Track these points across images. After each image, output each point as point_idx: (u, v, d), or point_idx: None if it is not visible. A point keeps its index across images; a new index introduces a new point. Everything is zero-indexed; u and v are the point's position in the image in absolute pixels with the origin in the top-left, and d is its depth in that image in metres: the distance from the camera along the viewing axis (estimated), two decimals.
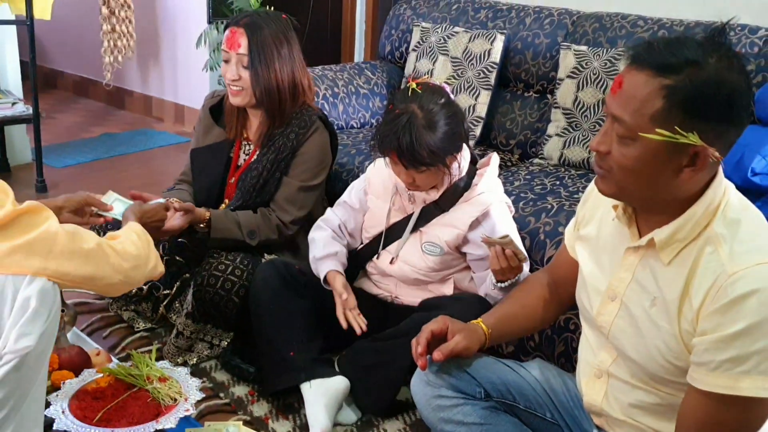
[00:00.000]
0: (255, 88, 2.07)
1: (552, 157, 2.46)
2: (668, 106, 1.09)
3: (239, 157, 2.22)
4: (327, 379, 1.81)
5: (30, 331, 1.28)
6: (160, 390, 1.59)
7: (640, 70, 1.12)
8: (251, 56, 2.04)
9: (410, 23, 3.01)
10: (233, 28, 2.07)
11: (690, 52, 1.10)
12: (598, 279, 1.33)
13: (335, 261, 1.96)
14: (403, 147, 1.72)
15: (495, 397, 1.45)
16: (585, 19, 2.60)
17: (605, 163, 1.19)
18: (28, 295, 1.29)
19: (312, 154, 2.13)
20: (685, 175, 1.13)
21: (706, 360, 1.12)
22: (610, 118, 1.17)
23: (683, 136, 1.09)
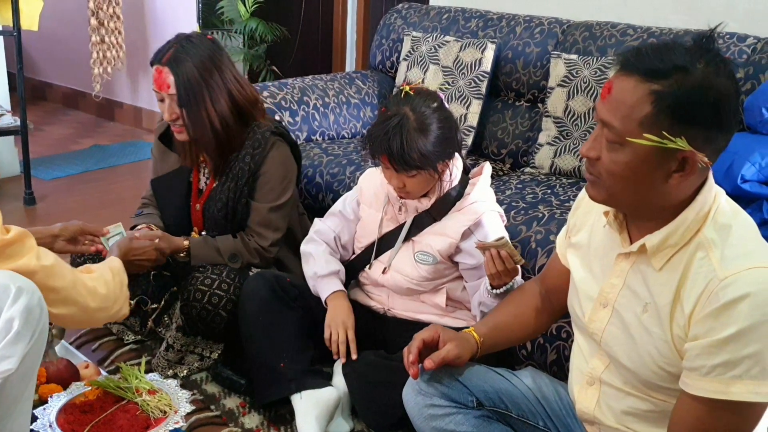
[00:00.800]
0: (191, 129, 1.98)
1: (543, 166, 2.46)
2: (656, 111, 1.09)
3: (200, 181, 2.16)
4: (318, 390, 1.80)
5: (11, 353, 1.25)
6: (149, 402, 1.57)
7: (629, 75, 1.12)
8: (179, 97, 1.94)
9: (401, 32, 3.01)
10: (158, 67, 1.95)
11: (678, 57, 1.10)
12: (589, 286, 1.33)
13: (338, 281, 1.95)
14: (394, 149, 1.71)
15: (487, 406, 1.44)
16: (575, 28, 2.61)
17: (595, 169, 1.19)
18: (12, 315, 1.26)
19: (273, 172, 2.05)
20: (674, 180, 1.14)
21: (697, 365, 1.12)
22: (600, 124, 1.17)
23: (671, 141, 1.09)
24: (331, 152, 2.60)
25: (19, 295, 1.27)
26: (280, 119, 2.64)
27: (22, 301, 1.27)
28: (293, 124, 2.71)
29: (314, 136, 2.78)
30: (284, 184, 2.08)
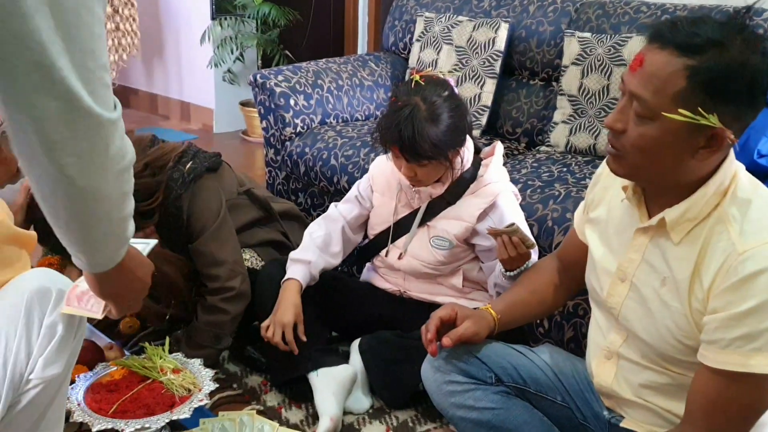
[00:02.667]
0: None
1: (558, 144, 2.46)
2: (691, 86, 1.08)
3: None
4: (334, 368, 1.83)
5: (57, 358, 1.25)
6: (174, 381, 1.60)
7: (663, 48, 1.11)
8: None
9: (414, 13, 3.01)
10: None
11: (714, 32, 1.09)
12: (607, 261, 1.34)
13: (302, 269, 1.88)
14: (405, 139, 1.70)
15: (506, 382, 1.46)
16: (588, 5, 2.60)
17: (619, 142, 1.18)
18: (55, 320, 1.24)
19: (201, 207, 1.91)
20: (700, 156, 1.13)
21: (716, 338, 1.13)
22: (628, 96, 1.15)
23: (704, 117, 1.09)
24: (345, 134, 2.62)
25: (60, 299, 1.26)
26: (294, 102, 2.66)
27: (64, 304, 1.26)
28: (308, 108, 2.72)
29: (328, 119, 2.79)
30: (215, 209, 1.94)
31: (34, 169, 0.86)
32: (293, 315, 1.81)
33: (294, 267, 1.89)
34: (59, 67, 0.77)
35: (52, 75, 0.78)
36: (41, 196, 0.90)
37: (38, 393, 1.26)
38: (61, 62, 0.77)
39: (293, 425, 1.81)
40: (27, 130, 0.81)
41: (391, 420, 1.84)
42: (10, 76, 0.77)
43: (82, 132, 0.82)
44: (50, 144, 0.81)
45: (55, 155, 0.82)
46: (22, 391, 1.24)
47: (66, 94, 0.79)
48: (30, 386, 1.25)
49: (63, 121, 0.80)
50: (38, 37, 0.75)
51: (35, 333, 1.24)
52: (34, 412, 1.28)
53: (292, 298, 1.84)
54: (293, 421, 1.83)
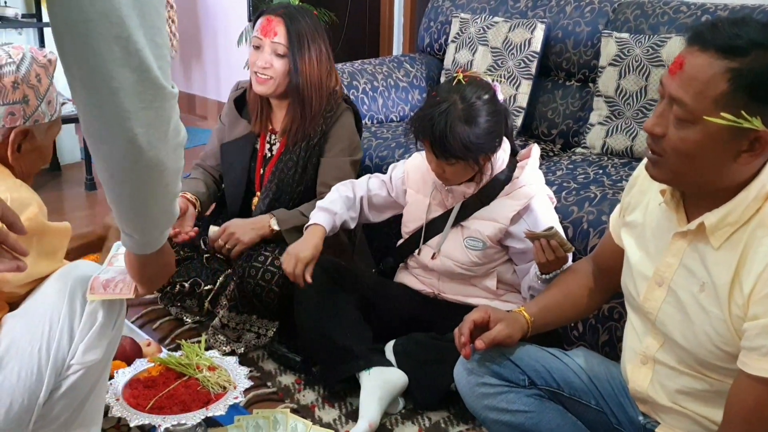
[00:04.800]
0: (290, 78, 2.08)
1: (595, 146, 2.43)
2: (733, 89, 1.07)
3: (265, 149, 2.24)
4: (386, 369, 1.82)
5: (97, 344, 1.31)
6: (209, 378, 1.63)
7: (703, 51, 1.09)
8: (290, 45, 2.06)
9: (449, 14, 3.00)
10: (269, 17, 2.08)
11: (757, 34, 1.07)
12: (644, 265, 1.32)
13: (328, 217, 1.95)
14: (437, 135, 1.71)
15: (539, 385, 1.45)
16: (626, 6, 2.56)
17: (659, 147, 1.17)
18: (96, 307, 1.31)
19: (342, 132, 2.16)
20: (742, 159, 1.11)
21: (757, 345, 1.11)
22: (667, 100, 1.14)
23: (748, 120, 1.07)
24: (380, 135, 2.63)
25: None
26: None
27: None
28: None
29: (363, 120, 2.80)
30: (354, 145, 2.19)
31: (106, 143, 0.95)
32: (312, 253, 1.87)
33: (320, 214, 1.96)
34: (135, 40, 0.87)
35: (129, 47, 0.87)
36: (109, 173, 1.00)
37: (78, 379, 1.31)
38: (137, 35, 0.86)
39: (326, 424, 1.82)
40: (105, 102, 0.89)
41: (423, 421, 1.84)
42: (94, 50, 0.86)
43: (150, 103, 0.91)
44: (125, 114, 0.90)
45: (128, 124, 0.91)
46: (64, 377, 1.30)
47: (141, 65, 0.88)
48: (71, 371, 1.30)
49: (136, 92, 0.90)
50: (119, 13, 0.84)
51: (77, 319, 1.30)
52: (74, 400, 1.33)
53: (314, 240, 1.90)
54: (326, 420, 1.84)
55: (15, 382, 1.25)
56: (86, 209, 3.17)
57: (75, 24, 0.84)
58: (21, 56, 1.34)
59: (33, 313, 1.30)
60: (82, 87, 0.90)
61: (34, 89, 1.35)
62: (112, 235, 1.71)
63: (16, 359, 1.26)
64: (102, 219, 1.80)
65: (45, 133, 1.39)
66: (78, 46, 0.86)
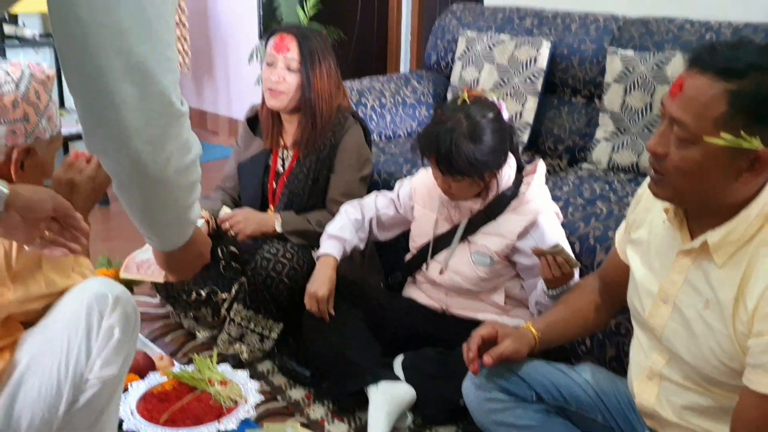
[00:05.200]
0: (301, 92, 2.15)
1: (601, 162, 2.46)
2: (732, 110, 1.10)
3: (277, 164, 2.30)
4: (394, 384, 1.83)
5: (113, 359, 1.34)
6: (221, 393, 1.66)
7: (703, 73, 1.12)
8: (303, 60, 2.13)
9: (456, 32, 3.04)
10: (282, 34, 2.17)
11: (755, 56, 1.10)
12: (650, 282, 1.34)
13: (338, 245, 1.99)
14: (442, 152, 1.75)
15: (547, 400, 1.47)
16: (631, 23, 2.60)
17: (661, 166, 1.20)
18: (112, 324, 1.34)
19: (351, 147, 2.22)
20: (743, 179, 1.14)
21: (762, 361, 1.12)
22: (668, 120, 1.17)
23: (747, 141, 1.10)
24: (388, 151, 2.66)
25: (117, 304, 1.35)
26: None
27: (120, 309, 1.35)
28: None
29: (372, 136, 2.83)
30: (362, 159, 2.25)
31: (112, 158, 0.93)
32: (328, 289, 1.91)
33: (330, 242, 1.99)
34: (137, 53, 0.84)
35: (130, 61, 0.84)
36: (118, 184, 0.98)
37: (95, 393, 1.34)
38: (140, 48, 0.84)
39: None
40: (107, 118, 0.87)
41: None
42: (94, 64, 0.84)
43: (156, 120, 0.89)
44: (128, 131, 0.88)
45: (131, 142, 0.89)
46: (81, 391, 1.33)
47: (144, 80, 0.86)
48: (88, 386, 1.33)
49: (140, 108, 0.87)
50: (120, 25, 0.82)
51: (95, 335, 1.33)
52: (91, 413, 1.36)
53: (328, 273, 1.93)
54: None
55: (36, 396, 1.29)
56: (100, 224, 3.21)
57: (74, 36, 0.82)
58: (20, 74, 1.33)
59: (51, 329, 1.34)
60: (83, 102, 0.88)
61: (34, 106, 1.35)
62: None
63: (36, 375, 1.30)
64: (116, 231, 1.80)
65: (46, 148, 1.40)
66: (78, 60, 0.83)
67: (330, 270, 1.94)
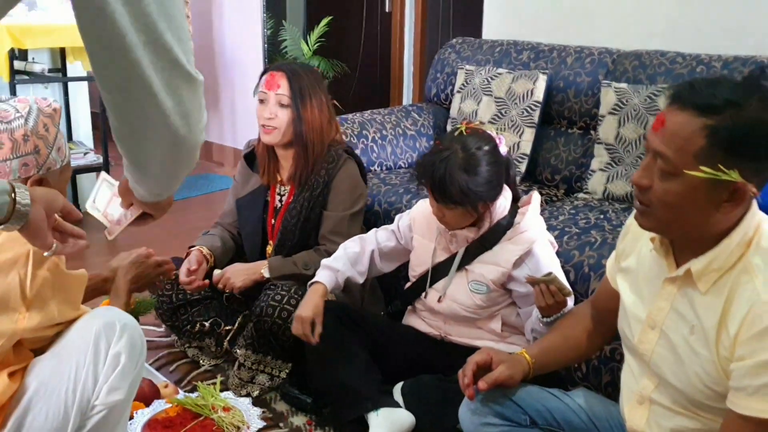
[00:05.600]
0: (293, 127, 2.20)
1: (596, 192, 2.51)
2: (710, 144, 1.15)
3: (275, 200, 2.35)
4: (394, 410, 1.86)
5: (120, 385, 1.39)
6: (224, 419, 1.70)
7: (683, 109, 1.18)
8: (293, 96, 2.19)
9: (455, 66, 3.12)
10: (273, 72, 2.23)
11: (730, 93, 1.16)
12: (638, 308, 1.38)
13: (330, 275, 2.01)
14: (436, 180, 1.80)
15: (540, 424, 1.50)
16: (625, 57, 2.67)
17: (646, 198, 1.25)
18: (119, 351, 1.39)
19: (344, 184, 2.26)
20: (724, 209, 1.19)
21: (744, 385, 1.16)
22: (652, 154, 1.22)
23: (725, 173, 1.15)
24: (389, 182, 2.72)
25: (124, 332, 1.40)
26: None
27: (127, 336, 1.40)
28: None
29: (373, 167, 2.91)
30: (355, 196, 2.28)
31: (150, 140, 1.03)
32: (312, 312, 1.92)
33: (323, 272, 2.02)
34: (164, 41, 0.92)
35: (159, 50, 0.93)
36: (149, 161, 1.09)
37: (102, 418, 1.38)
38: (166, 36, 0.92)
39: None
40: (145, 104, 0.96)
41: None
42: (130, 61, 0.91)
43: (184, 94, 0.99)
44: (165, 110, 0.97)
45: (170, 120, 0.99)
46: (88, 416, 1.37)
47: (171, 63, 0.94)
48: (95, 411, 1.37)
49: (172, 87, 0.96)
50: (150, 18, 0.90)
51: (102, 362, 1.38)
52: None
53: (315, 299, 1.95)
54: None
55: (43, 421, 1.33)
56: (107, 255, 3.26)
57: (110, 38, 0.88)
58: (28, 109, 1.39)
59: (60, 356, 1.39)
60: (120, 96, 0.96)
61: (44, 139, 1.40)
62: (120, 275, 1.78)
63: (44, 400, 1.34)
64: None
65: (58, 178, 1.46)
66: (115, 57, 0.91)
67: (317, 297, 1.96)
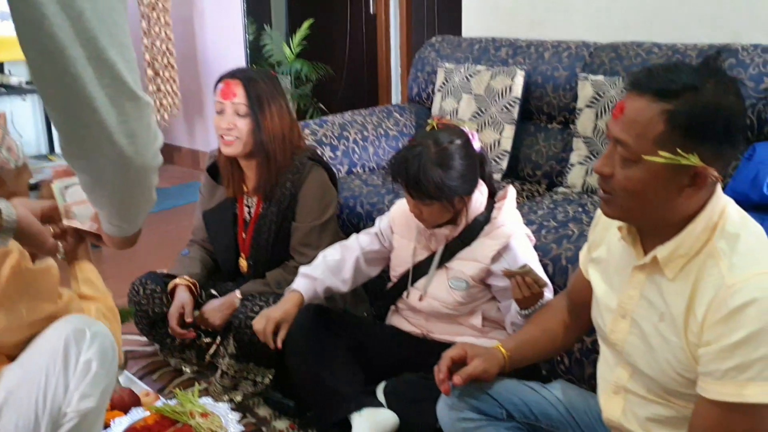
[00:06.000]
0: (254, 137, 2.13)
1: (575, 185, 2.51)
2: (669, 129, 1.15)
3: (244, 212, 2.30)
4: (377, 410, 1.85)
5: (91, 392, 1.37)
6: (202, 425, 1.69)
7: (641, 95, 1.18)
8: (251, 104, 2.12)
9: (435, 65, 3.12)
10: (227, 81, 2.15)
11: (687, 77, 1.16)
12: (609, 298, 1.38)
13: (308, 283, 1.99)
14: (410, 176, 1.79)
15: (517, 418, 1.50)
16: (602, 49, 2.67)
17: (608, 186, 1.25)
18: (90, 358, 1.37)
19: (311, 193, 2.20)
20: (686, 194, 1.19)
21: (711, 369, 1.16)
22: (613, 142, 1.22)
23: (684, 157, 1.15)
24: (371, 183, 2.72)
25: (95, 339, 1.38)
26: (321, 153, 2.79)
27: (98, 344, 1.38)
28: (334, 158, 2.84)
29: (355, 168, 2.90)
30: (323, 204, 2.22)
31: (95, 161, 1.01)
32: (280, 315, 1.90)
33: (300, 280, 2.00)
34: (107, 57, 0.91)
35: (102, 66, 0.91)
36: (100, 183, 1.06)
37: (74, 426, 1.36)
38: (109, 52, 0.91)
39: None
40: (88, 121, 0.94)
41: None
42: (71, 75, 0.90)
43: (129, 113, 0.97)
44: (110, 130, 0.96)
45: (114, 138, 0.97)
46: (60, 425, 1.35)
47: (114, 81, 0.93)
48: (66, 419, 1.35)
49: (116, 106, 0.94)
50: (92, 34, 0.89)
51: (72, 369, 1.36)
52: None
53: (287, 306, 1.93)
54: None
55: (13, 430, 1.32)
56: None
57: (50, 52, 0.87)
58: None
59: (30, 364, 1.37)
60: (63, 112, 0.94)
61: None
62: None
63: (13, 409, 1.33)
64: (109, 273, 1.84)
65: (15, 180, 1.45)
66: (55, 72, 0.89)
67: (289, 304, 1.94)
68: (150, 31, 4.49)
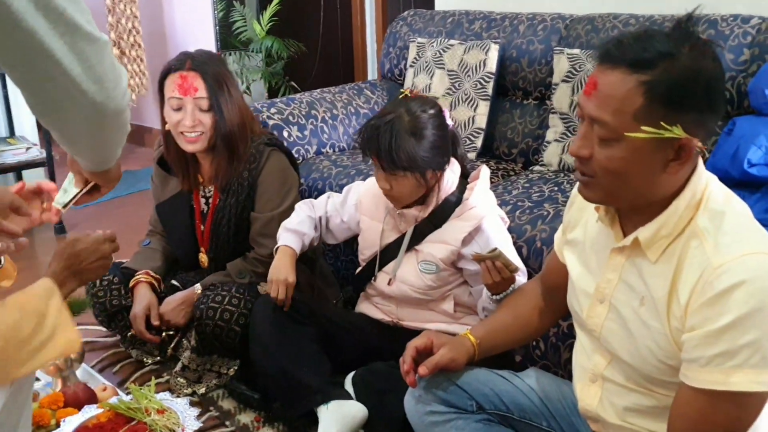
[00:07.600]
0: (219, 130, 2.02)
1: (552, 163, 2.43)
2: (649, 101, 1.07)
3: (200, 203, 2.20)
4: (344, 402, 1.79)
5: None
6: (158, 422, 1.60)
7: (613, 68, 1.10)
8: (211, 97, 1.99)
9: (407, 40, 3.02)
10: (182, 74, 1.99)
11: (662, 44, 1.08)
12: (586, 282, 1.31)
13: (296, 238, 1.96)
14: (382, 147, 1.72)
15: (488, 409, 1.43)
16: (578, 22, 2.58)
17: (588, 168, 1.16)
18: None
19: (270, 181, 2.10)
20: (671, 169, 1.11)
21: (696, 356, 1.09)
22: (588, 121, 1.14)
23: (668, 130, 1.07)
24: (340, 164, 2.62)
25: None
26: (288, 133, 2.68)
27: None
28: (302, 139, 2.73)
29: (324, 149, 2.80)
30: (283, 192, 2.12)
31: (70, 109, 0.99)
32: (293, 276, 1.88)
33: (288, 235, 1.96)
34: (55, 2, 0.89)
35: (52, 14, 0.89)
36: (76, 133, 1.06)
37: None
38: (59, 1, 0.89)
39: None
40: (53, 73, 0.92)
41: None
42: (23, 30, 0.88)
43: (91, 58, 0.95)
44: (74, 78, 0.94)
45: (82, 87, 0.96)
46: None
47: (69, 27, 0.91)
48: None
49: (77, 52, 0.93)
50: None
51: None
52: None
53: (290, 262, 1.90)
54: None
55: None
56: None
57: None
58: None
59: None
60: (24, 69, 0.92)
61: None
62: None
63: None
64: None
65: None
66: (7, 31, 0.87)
67: (291, 259, 1.91)
68: (115, 8, 4.32)
